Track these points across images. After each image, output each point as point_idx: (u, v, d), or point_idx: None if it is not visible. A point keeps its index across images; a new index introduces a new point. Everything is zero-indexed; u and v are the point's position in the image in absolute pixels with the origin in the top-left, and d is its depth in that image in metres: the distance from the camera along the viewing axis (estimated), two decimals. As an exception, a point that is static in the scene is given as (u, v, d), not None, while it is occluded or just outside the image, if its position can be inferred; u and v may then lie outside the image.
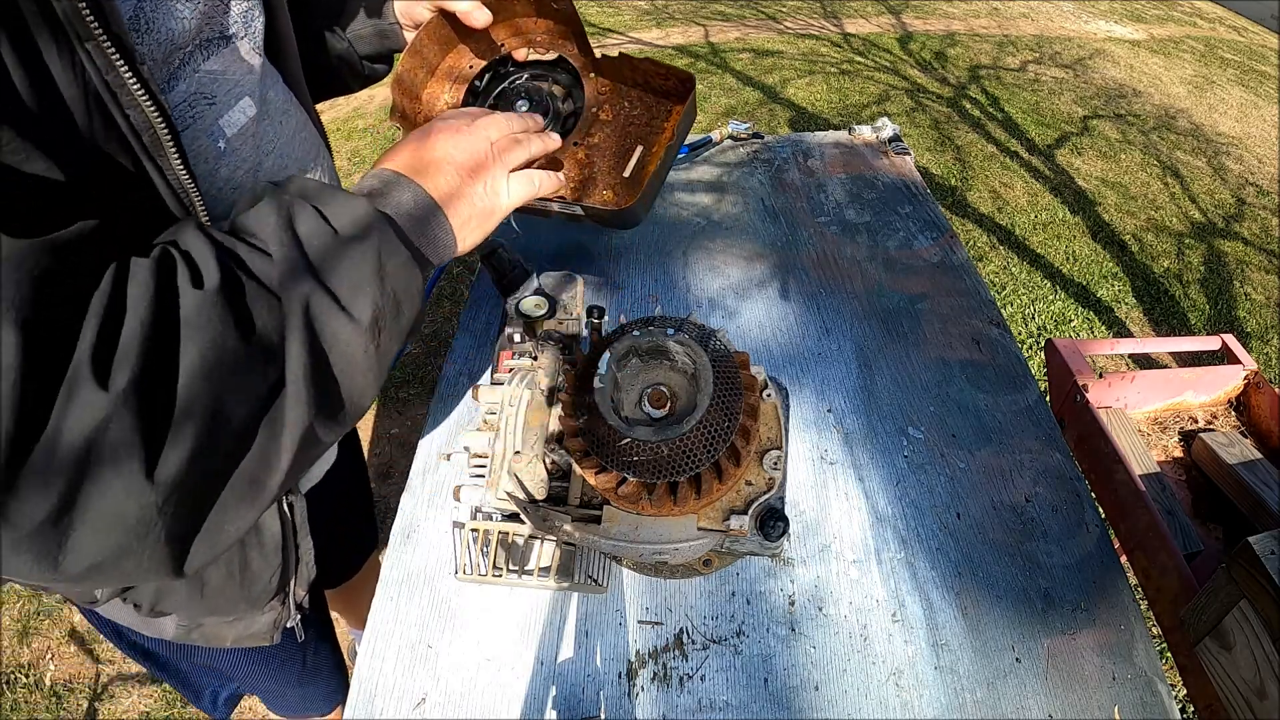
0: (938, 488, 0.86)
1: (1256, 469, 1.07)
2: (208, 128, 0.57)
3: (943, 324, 1.07)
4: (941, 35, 5.37)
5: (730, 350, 0.65)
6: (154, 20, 0.51)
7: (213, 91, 0.57)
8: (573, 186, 0.84)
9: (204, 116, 0.57)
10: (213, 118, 0.57)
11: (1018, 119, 4.17)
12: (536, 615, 0.74)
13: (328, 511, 0.99)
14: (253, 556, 0.69)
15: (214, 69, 0.57)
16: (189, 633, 0.76)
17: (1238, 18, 6.84)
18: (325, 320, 0.46)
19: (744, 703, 0.68)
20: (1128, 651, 0.73)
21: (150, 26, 0.51)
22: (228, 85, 0.58)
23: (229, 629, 0.76)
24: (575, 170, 0.85)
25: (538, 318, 0.87)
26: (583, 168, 0.85)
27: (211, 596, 0.69)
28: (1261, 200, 3.69)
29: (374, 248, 0.49)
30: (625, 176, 0.84)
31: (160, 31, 0.52)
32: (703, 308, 1.08)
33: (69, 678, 1.58)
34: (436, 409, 0.93)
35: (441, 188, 0.58)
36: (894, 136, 1.47)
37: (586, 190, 0.84)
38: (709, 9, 5.48)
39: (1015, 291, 2.86)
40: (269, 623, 0.77)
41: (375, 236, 0.50)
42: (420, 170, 0.58)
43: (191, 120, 0.56)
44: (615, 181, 0.85)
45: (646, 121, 0.85)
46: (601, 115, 0.83)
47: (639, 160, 0.84)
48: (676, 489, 0.62)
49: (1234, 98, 4.90)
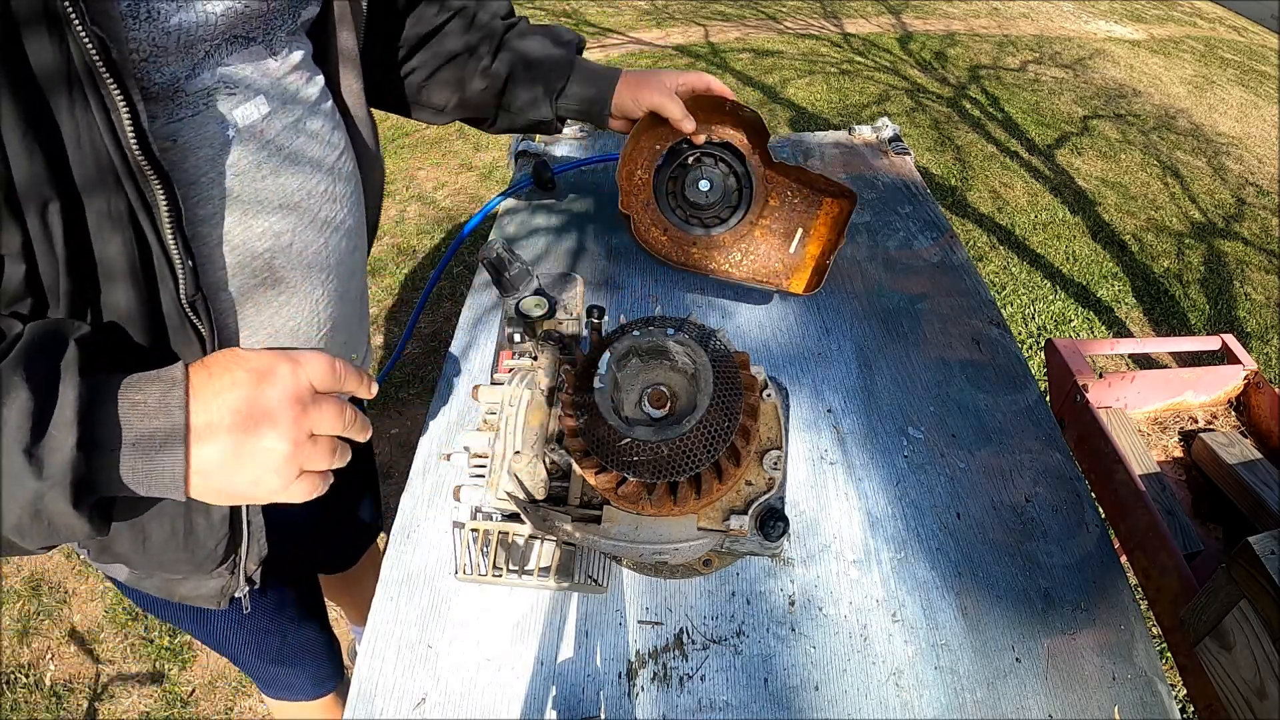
0: (938, 488, 0.86)
1: (1256, 469, 1.07)
2: (221, 116, 0.60)
3: (943, 324, 1.07)
4: (941, 35, 5.37)
5: (730, 350, 0.65)
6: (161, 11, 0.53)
7: (234, 83, 0.61)
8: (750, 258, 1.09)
9: (219, 104, 0.59)
10: (228, 107, 0.60)
11: (1018, 119, 4.17)
12: (536, 615, 0.74)
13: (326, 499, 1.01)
14: (198, 522, 0.69)
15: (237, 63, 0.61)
16: (139, 580, 0.78)
17: (1238, 18, 6.84)
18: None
19: (744, 703, 0.68)
20: (1128, 651, 0.73)
21: (155, 15, 0.53)
22: (246, 81, 0.62)
23: (178, 585, 0.77)
24: (750, 243, 1.08)
25: (538, 318, 0.87)
26: (755, 242, 1.08)
27: (155, 552, 0.69)
28: (1261, 200, 3.69)
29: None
30: (790, 253, 1.07)
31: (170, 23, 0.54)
32: (702, 308, 1.08)
33: (69, 678, 1.58)
34: (436, 409, 0.93)
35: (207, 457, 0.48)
36: (894, 136, 1.47)
37: (759, 260, 1.09)
38: (709, 9, 5.48)
39: (1015, 291, 2.86)
40: (216, 588, 0.77)
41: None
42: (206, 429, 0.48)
43: (204, 107, 0.59)
44: (783, 256, 1.08)
45: (805, 209, 1.02)
46: (771, 201, 1.02)
47: (799, 240, 1.07)
48: (676, 489, 0.62)
49: (1234, 98, 4.91)
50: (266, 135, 0.64)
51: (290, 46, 0.68)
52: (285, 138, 0.66)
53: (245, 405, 0.48)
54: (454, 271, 2.73)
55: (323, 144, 0.71)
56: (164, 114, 0.57)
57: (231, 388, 0.49)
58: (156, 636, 1.65)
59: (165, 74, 0.56)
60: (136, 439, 0.46)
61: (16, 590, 1.71)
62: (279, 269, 0.67)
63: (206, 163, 0.60)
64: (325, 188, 0.71)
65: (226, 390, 0.49)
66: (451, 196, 3.16)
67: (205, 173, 0.60)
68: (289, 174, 0.67)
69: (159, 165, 0.51)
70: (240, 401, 0.48)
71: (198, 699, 1.57)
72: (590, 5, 5.36)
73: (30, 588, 1.72)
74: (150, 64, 0.54)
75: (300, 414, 0.50)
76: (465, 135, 3.56)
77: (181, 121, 0.58)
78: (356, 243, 0.78)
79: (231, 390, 0.49)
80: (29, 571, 1.75)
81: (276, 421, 0.49)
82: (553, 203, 1.27)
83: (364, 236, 0.82)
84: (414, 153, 3.43)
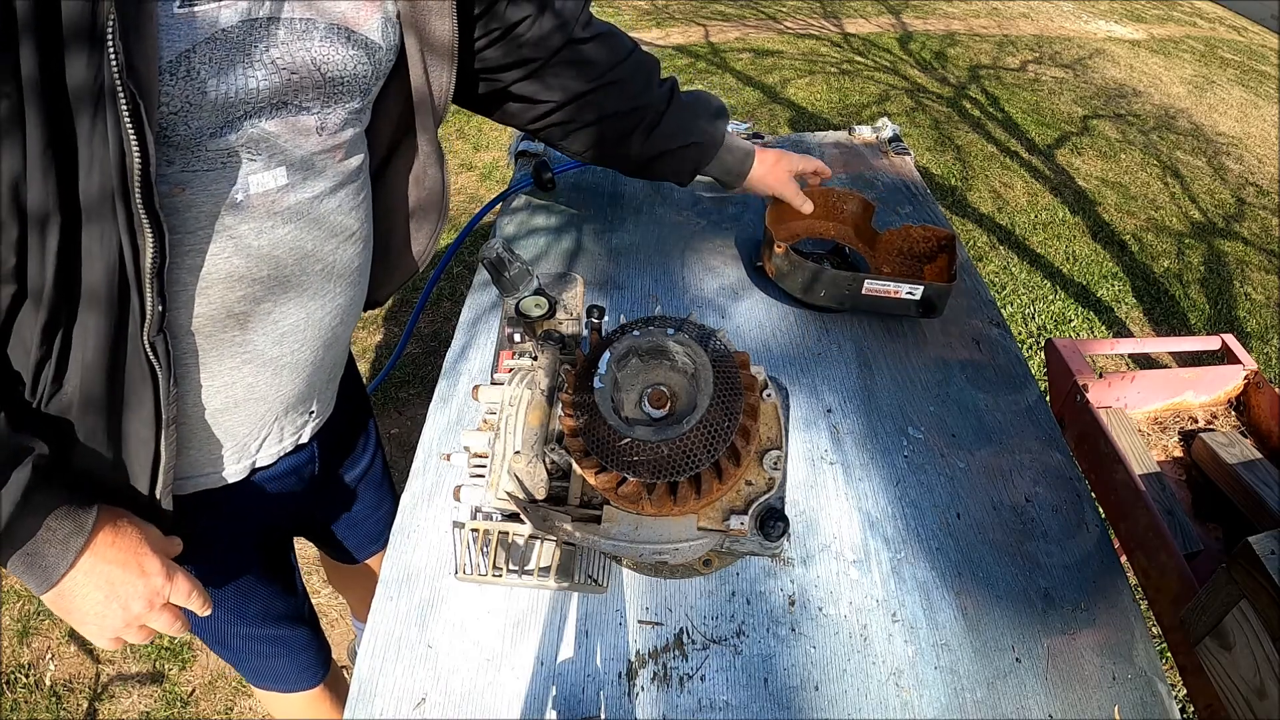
0: (937, 488, 0.86)
1: (1256, 469, 1.07)
2: (236, 179, 0.61)
3: (943, 324, 1.07)
4: (941, 35, 5.37)
5: (730, 350, 0.65)
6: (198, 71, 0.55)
7: (259, 149, 0.62)
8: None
9: (237, 167, 0.61)
10: (245, 172, 0.62)
11: (1018, 119, 4.17)
12: (536, 615, 0.74)
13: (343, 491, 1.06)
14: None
15: (272, 130, 0.62)
16: None
17: (1238, 18, 6.84)
18: None
19: (744, 703, 0.68)
20: (1128, 651, 0.73)
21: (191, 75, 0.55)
22: (274, 148, 0.63)
23: None
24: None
25: (538, 318, 0.87)
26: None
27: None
28: (1261, 200, 3.69)
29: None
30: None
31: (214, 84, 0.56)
32: (702, 308, 1.08)
33: (69, 678, 1.58)
34: (436, 409, 0.93)
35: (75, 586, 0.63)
36: (894, 136, 1.47)
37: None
38: (709, 9, 5.47)
39: (1015, 291, 2.86)
40: None
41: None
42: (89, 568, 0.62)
43: (222, 165, 0.60)
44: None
45: (913, 271, 1.12)
46: (885, 269, 1.12)
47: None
48: (676, 489, 0.62)
49: (1234, 98, 4.91)
50: (277, 207, 0.65)
51: (346, 125, 0.68)
52: (296, 212, 0.66)
53: (117, 582, 0.63)
54: (454, 271, 2.72)
55: (335, 224, 0.71)
56: (180, 160, 0.58)
57: (118, 567, 0.63)
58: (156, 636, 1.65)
59: (192, 127, 0.57)
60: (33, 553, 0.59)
61: (16, 590, 1.71)
62: (251, 332, 0.69)
63: (207, 218, 0.61)
64: (322, 266, 0.72)
65: (114, 563, 0.63)
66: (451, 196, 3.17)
67: (203, 226, 0.61)
68: (288, 248, 0.67)
69: (156, 217, 0.55)
70: (116, 577, 0.63)
71: (198, 699, 1.57)
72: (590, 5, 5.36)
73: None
74: (179, 117, 0.56)
75: (144, 612, 0.66)
76: (465, 135, 3.56)
77: (195, 173, 0.59)
78: (344, 317, 0.79)
79: (117, 566, 0.63)
80: (29, 571, 1.75)
81: (126, 608, 0.65)
82: (553, 203, 1.27)
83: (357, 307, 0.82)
84: (414, 153, 3.43)
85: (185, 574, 0.69)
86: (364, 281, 0.81)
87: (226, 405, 0.72)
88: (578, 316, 0.90)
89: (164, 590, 0.66)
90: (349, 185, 0.72)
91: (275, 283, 0.68)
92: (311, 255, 0.70)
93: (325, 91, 0.64)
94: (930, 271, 1.11)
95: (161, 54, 0.53)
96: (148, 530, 0.67)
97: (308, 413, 0.83)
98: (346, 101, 0.67)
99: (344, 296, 0.77)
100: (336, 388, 0.90)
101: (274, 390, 0.75)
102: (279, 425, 0.80)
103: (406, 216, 0.85)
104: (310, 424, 0.85)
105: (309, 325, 0.74)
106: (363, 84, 0.68)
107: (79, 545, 0.61)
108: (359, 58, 0.66)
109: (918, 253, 1.13)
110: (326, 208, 0.69)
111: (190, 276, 0.63)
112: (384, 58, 0.69)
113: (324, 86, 0.64)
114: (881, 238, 1.13)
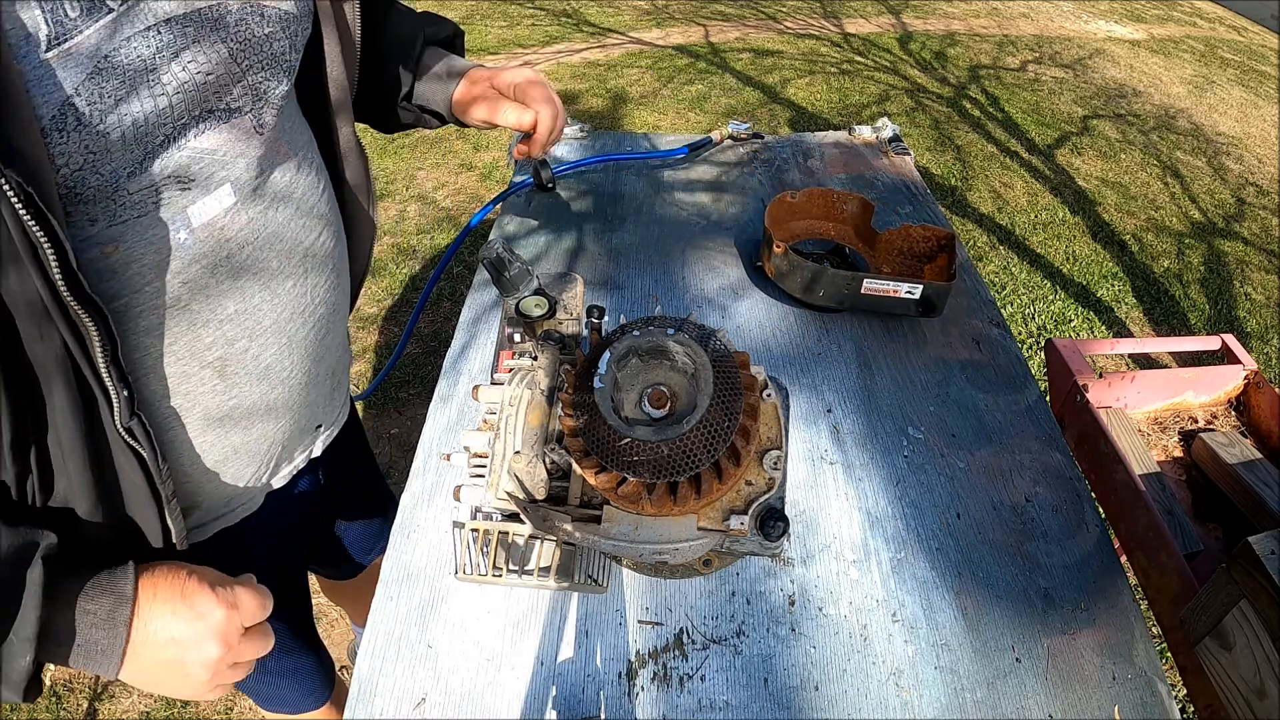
0: (937, 488, 0.86)
1: (1256, 469, 1.07)
2: (173, 215, 0.54)
3: (943, 324, 1.07)
4: (941, 35, 5.37)
5: (730, 350, 0.65)
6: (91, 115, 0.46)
7: (191, 174, 0.54)
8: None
9: (171, 203, 0.53)
10: (181, 205, 0.54)
11: (1018, 119, 4.17)
12: (536, 615, 0.74)
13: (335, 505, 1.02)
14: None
15: (204, 146, 0.54)
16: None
17: (1238, 18, 6.84)
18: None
19: (744, 703, 0.68)
20: (1128, 651, 0.73)
21: (82, 122, 0.46)
22: (212, 168, 0.55)
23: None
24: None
25: (538, 318, 0.87)
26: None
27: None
28: (1261, 200, 3.69)
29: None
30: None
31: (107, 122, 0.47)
32: (702, 307, 1.08)
33: (69, 678, 1.58)
34: (436, 409, 0.93)
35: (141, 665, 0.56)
36: (894, 136, 1.47)
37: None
38: (709, 9, 5.48)
39: (1015, 291, 2.86)
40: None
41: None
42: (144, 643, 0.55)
43: (153, 206, 0.53)
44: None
45: (913, 271, 1.12)
46: (885, 269, 1.12)
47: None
48: (676, 489, 0.62)
49: (1234, 98, 4.91)
50: (228, 233, 0.58)
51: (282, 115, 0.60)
52: (252, 230, 0.59)
53: (178, 635, 0.56)
54: (454, 271, 2.73)
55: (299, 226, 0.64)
56: (103, 216, 0.51)
57: (171, 617, 0.55)
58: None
59: (104, 174, 0.49)
60: (84, 643, 0.53)
61: (16, 590, 1.71)
62: (231, 378, 0.63)
63: (151, 270, 0.54)
64: (295, 281, 0.65)
65: (167, 618, 0.55)
66: (451, 196, 3.16)
67: (150, 281, 0.54)
68: (251, 275, 0.60)
69: (89, 300, 0.48)
70: (176, 631, 0.55)
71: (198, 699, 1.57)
72: (590, 5, 5.36)
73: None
74: (85, 171, 0.48)
75: (226, 653, 0.58)
76: (465, 135, 3.56)
77: (125, 224, 0.52)
78: (330, 325, 0.74)
79: (172, 621, 0.55)
80: (29, 571, 1.75)
81: (203, 656, 0.57)
82: (553, 203, 1.27)
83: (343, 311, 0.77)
84: (414, 153, 3.43)
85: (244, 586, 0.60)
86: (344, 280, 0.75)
87: (226, 455, 0.69)
88: (578, 316, 0.90)
89: (231, 619, 0.58)
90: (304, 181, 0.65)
91: (244, 317, 0.62)
92: (280, 273, 0.63)
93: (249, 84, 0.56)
94: (930, 271, 1.11)
95: (39, 114, 0.44)
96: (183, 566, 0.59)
97: (314, 429, 0.81)
98: (275, 87, 0.59)
99: (325, 306, 0.71)
100: (345, 396, 0.87)
101: (271, 426, 0.71)
102: (287, 451, 0.78)
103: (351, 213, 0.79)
104: (320, 439, 0.83)
105: (292, 350, 0.68)
106: (285, 64, 0.60)
107: (125, 617, 0.54)
108: (276, 35, 0.58)
109: (917, 252, 1.13)
110: (284, 216, 0.62)
111: (150, 340, 0.57)
112: (300, 29, 0.61)
113: (245, 77, 0.56)
114: (881, 237, 1.14)
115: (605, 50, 4.62)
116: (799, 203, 1.17)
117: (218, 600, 0.57)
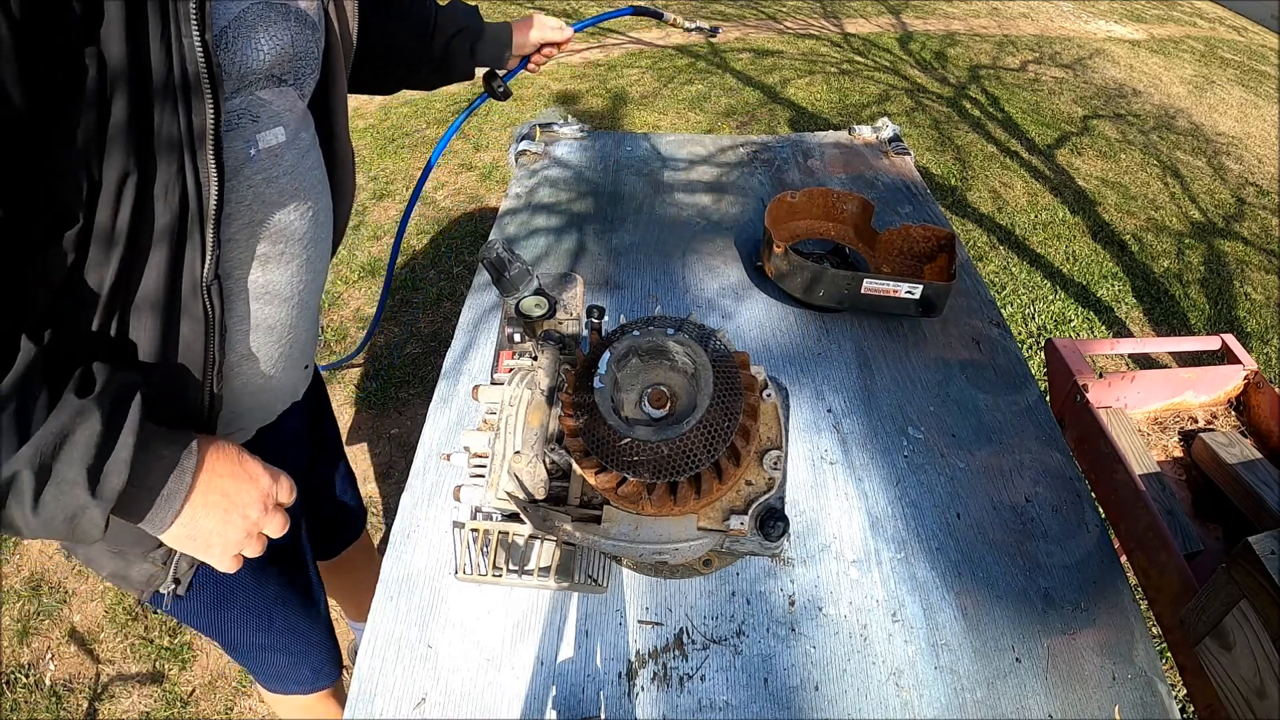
0: (937, 488, 0.86)
1: (1256, 469, 1.07)
2: (247, 136, 0.69)
3: (943, 324, 1.07)
4: (941, 35, 5.37)
5: (730, 350, 0.65)
6: (235, 44, 0.64)
7: (258, 113, 0.70)
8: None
9: (247, 127, 0.69)
10: (253, 131, 0.69)
11: (1018, 119, 4.17)
12: (536, 615, 0.74)
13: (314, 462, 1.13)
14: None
15: (265, 98, 0.70)
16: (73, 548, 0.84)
17: (1238, 18, 6.84)
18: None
19: (744, 703, 0.68)
20: (1128, 651, 0.73)
21: (230, 46, 0.63)
22: (271, 112, 0.71)
23: (109, 561, 0.79)
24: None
25: (538, 318, 0.87)
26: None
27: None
28: (1261, 200, 3.69)
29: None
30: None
31: (238, 55, 0.64)
32: (702, 307, 1.08)
33: (69, 678, 1.58)
34: (437, 409, 0.93)
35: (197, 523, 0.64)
36: (894, 136, 1.47)
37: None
38: (709, 9, 5.47)
39: (1015, 291, 2.86)
40: (144, 576, 0.80)
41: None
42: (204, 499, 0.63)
43: (235, 125, 0.67)
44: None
45: (913, 270, 1.13)
46: (884, 269, 1.13)
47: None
48: (676, 489, 0.62)
49: (1234, 98, 4.91)
50: (279, 160, 0.73)
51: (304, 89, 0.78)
52: (291, 163, 0.74)
53: (231, 492, 0.65)
54: (454, 271, 2.72)
55: (317, 173, 0.81)
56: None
57: (230, 477, 0.65)
58: (156, 636, 1.65)
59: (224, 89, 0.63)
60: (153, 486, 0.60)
61: (16, 590, 1.71)
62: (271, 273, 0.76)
63: (230, 171, 0.67)
64: (314, 214, 0.80)
65: (225, 475, 0.64)
66: (451, 197, 3.16)
67: (228, 178, 0.66)
68: (289, 196, 0.75)
69: (222, 168, 0.61)
70: (229, 488, 0.64)
71: (198, 699, 1.57)
72: (591, 5, 5.36)
73: (30, 588, 1.71)
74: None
75: (261, 516, 0.67)
76: (465, 135, 3.56)
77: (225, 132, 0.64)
78: (322, 265, 0.87)
79: (229, 480, 0.64)
80: (29, 571, 1.75)
81: (247, 515, 0.66)
82: (553, 203, 1.27)
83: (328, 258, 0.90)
84: (414, 153, 3.43)
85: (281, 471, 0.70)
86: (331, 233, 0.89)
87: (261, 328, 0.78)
88: (578, 316, 0.90)
89: (273, 491, 0.68)
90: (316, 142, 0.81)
91: (281, 227, 0.75)
92: (305, 201, 0.78)
93: (296, 67, 0.73)
94: (930, 271, 1.11)
95: (216, 22, 0.61)
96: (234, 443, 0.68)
97: (303, 369, 0.89)
98: (310, 75, 0.77)
99: (325, 243, 0.85)
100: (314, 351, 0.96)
101: (290, 331, 0.81)
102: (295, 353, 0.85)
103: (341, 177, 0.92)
104: (304, 385, 0.92)
105: (308, 268, 0.81)
106: (314, 62, 0.77)
107: (192, 466, 0.61)
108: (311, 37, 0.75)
109: (917, 252, 1.13)
110: (312, 160, 0.79)
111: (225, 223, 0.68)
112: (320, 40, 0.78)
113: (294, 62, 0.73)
114: (881, 237, 1.14)
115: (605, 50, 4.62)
116: (799, 203, 1.17)
117: (264, 470, 0.68)
